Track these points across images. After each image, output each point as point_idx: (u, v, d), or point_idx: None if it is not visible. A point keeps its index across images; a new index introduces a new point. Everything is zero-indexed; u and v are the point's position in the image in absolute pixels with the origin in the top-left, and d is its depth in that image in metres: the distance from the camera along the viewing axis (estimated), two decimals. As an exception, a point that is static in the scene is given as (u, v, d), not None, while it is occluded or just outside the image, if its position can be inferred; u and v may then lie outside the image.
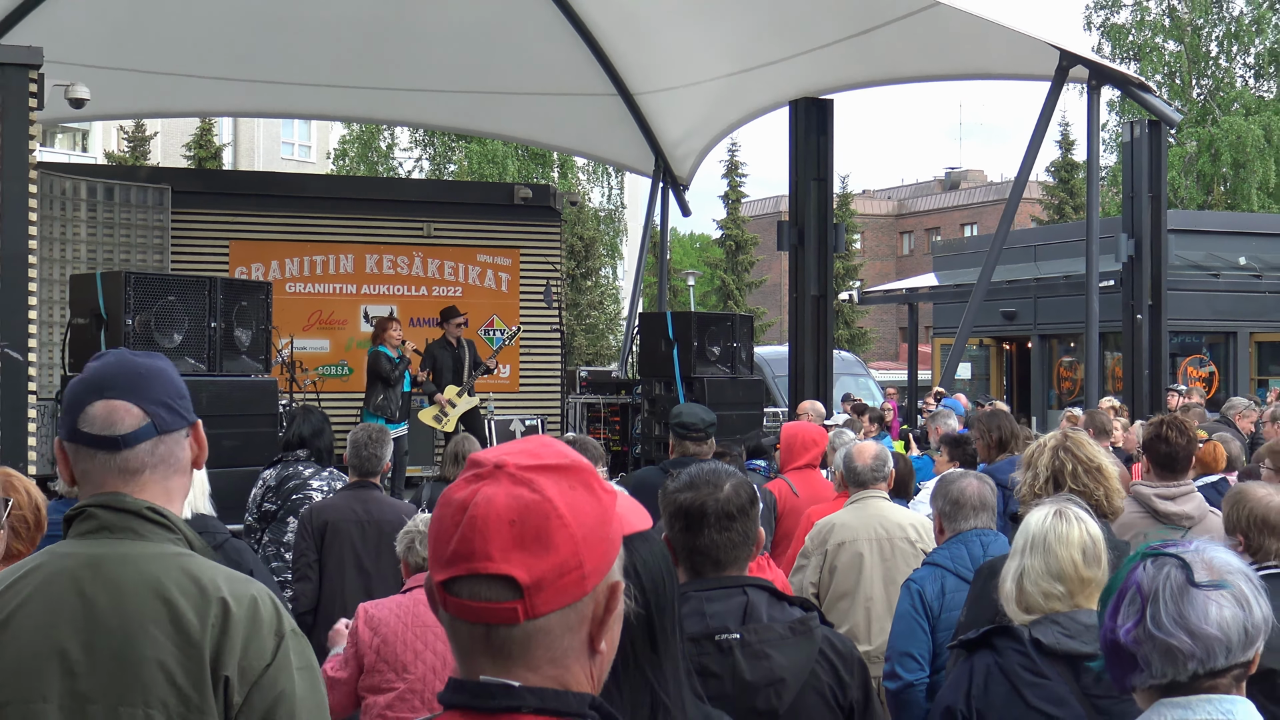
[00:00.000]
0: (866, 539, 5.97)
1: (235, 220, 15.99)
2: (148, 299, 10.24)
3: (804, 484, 7.49)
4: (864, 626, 5.75)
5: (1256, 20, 36.47)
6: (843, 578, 5.95)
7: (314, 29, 16.02)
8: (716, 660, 3.20)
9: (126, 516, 2.42)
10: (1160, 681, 2.24)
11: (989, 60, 13.88)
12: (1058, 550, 3.53)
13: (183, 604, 2.36)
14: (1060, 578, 3.50)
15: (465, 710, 1.66)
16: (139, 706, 2.32)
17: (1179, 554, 2.27)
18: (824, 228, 14.35)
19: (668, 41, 16.26)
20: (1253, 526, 4.43)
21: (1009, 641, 3.48)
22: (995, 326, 26.29)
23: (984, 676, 3.46)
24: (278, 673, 2.37)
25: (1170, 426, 6.05)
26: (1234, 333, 24.17)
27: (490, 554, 1.60)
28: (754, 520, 3.35)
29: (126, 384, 2.46)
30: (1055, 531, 3.56)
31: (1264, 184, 34.75)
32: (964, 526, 5.11)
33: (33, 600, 2.40)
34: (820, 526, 6.17)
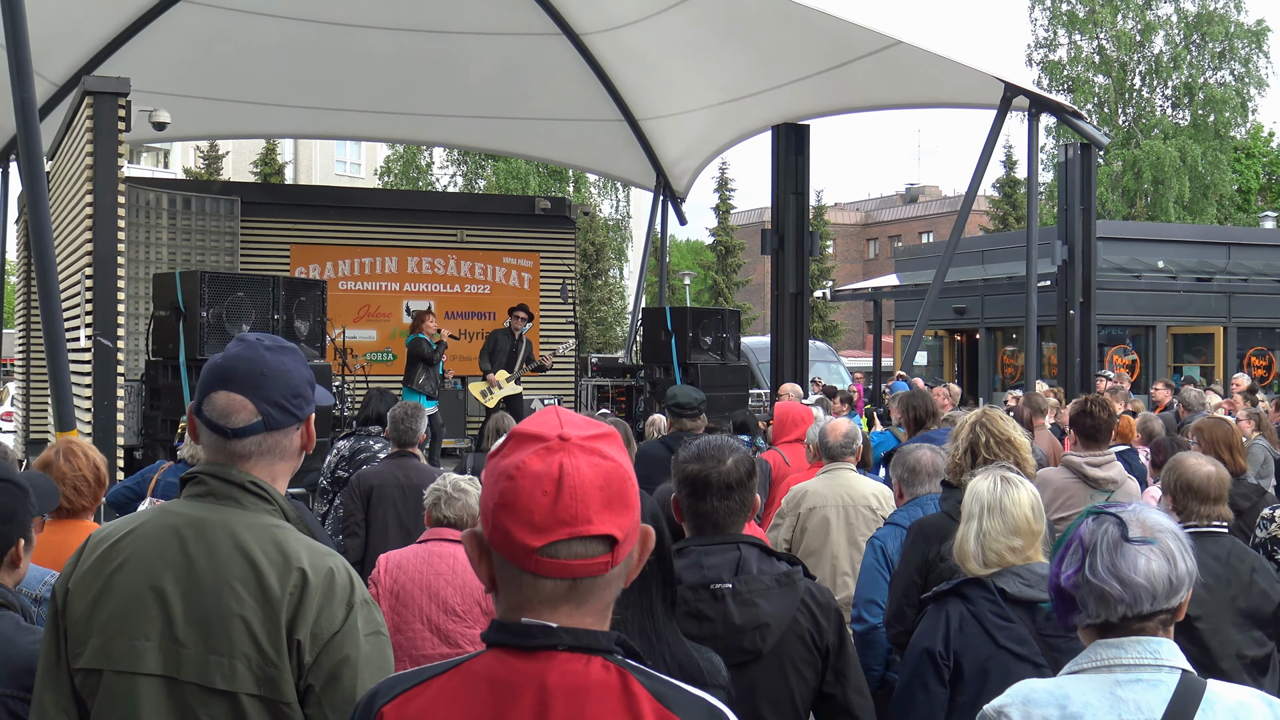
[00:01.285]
0: (834, 505, 5.96)
1: (295, 227, 16.01)
2: (220, 294, 10.22)
3: (793, 456, 7.49)
4: (829, 580, 5.72)
5: (1174, 58, 36.44)
6: (812, 537, 5.94)
7: (364, 63, 16.00)
8: (711, 606, 3.19)
9: (232, 487, 2.40)
10: (1095, 621, 2.25)
11: (944, 91, 13.83)
12: (1012, 511, 3.53)
13: (267, 569, 2.32)
14: (1017, 532, 3.51)
15: (506, 648, 1.65)
16: (224, 656, 2.30)
17: (1118, 513, 2.29)
18: (801, 235, 14.31)
19: (667, 75, 16.23)
20: (1179, 490, 4.44)
21: (979, 591, 3.48)
22: (948, 320, 26.30)
23: (959, 622, 3.45)
24: (344, 639, 2.33)
25: (1094, 403, 6.07)
26: (1153, 326, 24.18)
27: (590, 518, 1.60)
28: (751, 490, 3.33)
29: (248, 381, 2.43)
30: (1008, 495, 3.56)
31: (1179, 199, 34.81)
32: (919, 491, 5.12)
33: (144, 549, 2.38)
34: (794, 492, 6.16)
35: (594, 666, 1.62)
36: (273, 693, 2.29)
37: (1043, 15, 37.48)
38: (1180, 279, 23.98)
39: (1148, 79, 37.17)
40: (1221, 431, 6.07)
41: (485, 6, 15.44)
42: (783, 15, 12.25)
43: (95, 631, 2.34)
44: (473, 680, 1.65)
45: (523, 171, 33.10)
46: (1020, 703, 2.22)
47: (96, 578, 2.37)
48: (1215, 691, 2.19)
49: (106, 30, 14.44)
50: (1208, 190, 35.64)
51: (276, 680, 2.29)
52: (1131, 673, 2.21)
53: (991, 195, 48.55)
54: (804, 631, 3.26)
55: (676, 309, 15.03)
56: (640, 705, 1.60)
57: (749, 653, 3.18)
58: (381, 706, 1.68)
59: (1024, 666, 3.31)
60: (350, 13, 15.25)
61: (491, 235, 17.02)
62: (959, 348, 28.12)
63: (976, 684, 3.36)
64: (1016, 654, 3.39)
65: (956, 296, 25.05)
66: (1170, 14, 36.61)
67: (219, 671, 2.29)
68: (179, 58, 14.83)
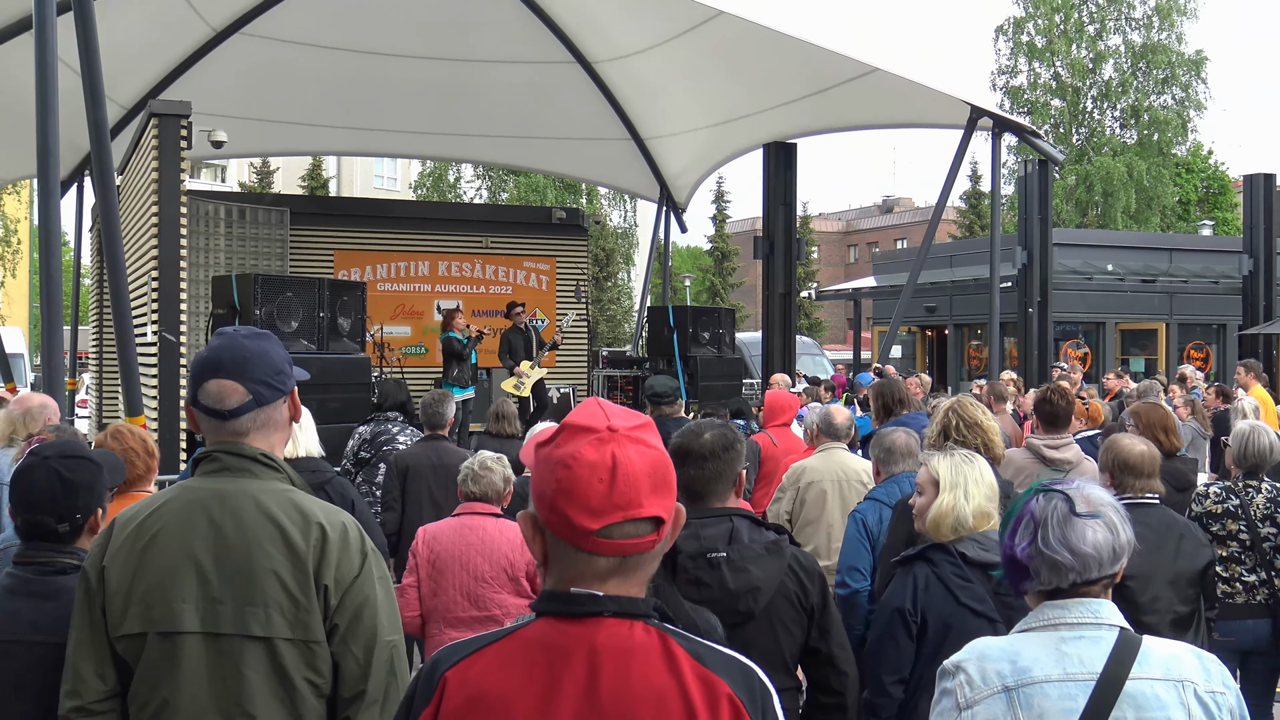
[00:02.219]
0: (830, 480, 5.97)
1: (338, 234, 15.99)
2: (271, 295, 10.23)
3: (781, 438, 7.50)
4: (825, 546, 5.73)
5: (1122, 84, 36.36)
6: (810, 508, 5.95)
7: (400, 88, 16.01)
8: (707, 573, 3.20)
9: (244, 460, 2.42)
10: (1047, 588, 2.25)
11: (917, 112, 13.80)
12: (979, 489, 3.57)
13: (290, 527, 2.35)
14: (994, 498, 3.57)
15: (555, 616, 1.65)
16: (260, 607, 2.32)
17: (1064, 490, 2.28)
18: (789, 242, 14.31)
19: (670, 99, 16.21)
20: (1117, 467, 4.45)
21: (942, 555, 3.50)
22: (920, 318, 26.26)
23: (924, 582, 3.47)
24: (363, 582, 2.37)
25: (1054, 392, 6.06)
26: (1103, 323, 24.13)
27: (641, 502, 1.60)
28: (727, 461, 3.30)
29: (234, 367, 2.45)
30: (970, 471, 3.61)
31: (1126, 209, 34.76)
32: (895, 469, 5.11)
33: (172, 523, 2.39)
34: (794, 468, 6.17)
35: (637, 630, 1.63)
36: (304, 634, 2.32)
37: (1005, 45, 37.43)
38: (1127, 280, 23.94)
39: (1098, 102, 37.09)
40: (1157, 415, 6.06)
41: (507, 38, 15.44)
42: (772, 45, 12.23)
43: (134, 602, 2.35)
44: (527, 645, 1.65)
45: (541, 185, 33.04)
46: (976, 658, 2.21)
47: (130, 554, 2.38)
48: (1150, 646, 2.20)
49: (170, 59, 14.47)
50: (1152, 202, 35.55)
51: (308, 622, 2.32)
52: (1075, 630, 2.21)
53: (959, 206, 48.46)
54: (791, 593, 3.28)
55: (678, 308, 15.01)
56: (680, 663, 1.61)
57: (743, 613, 3.20)
58: (445, 671, 1.67)
59: (981, 622, 3.33)
60: (387, 44, 15.25)
61: (513, 242, 16.98)
62: (930, 342, 28.06)
63: (940, 637, 3.38)
64: (975, 611, 3.40)
65: (928, 296, 25.03)
66: (1119, 45, 36.53)
67: (255, 621, 2.31)
68: (235, 83, 14.85)
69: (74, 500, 2.92)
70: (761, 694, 1.64)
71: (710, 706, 1.58)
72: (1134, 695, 2.13)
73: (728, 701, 1.60)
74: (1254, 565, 5.29)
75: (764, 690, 1.65)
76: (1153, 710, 2.13)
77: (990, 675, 2.17)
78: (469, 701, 1.63)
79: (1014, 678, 2.16)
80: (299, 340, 9.99)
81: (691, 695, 1.59)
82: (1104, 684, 2.13)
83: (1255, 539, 5.28)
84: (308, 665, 2.33)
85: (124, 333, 7.39)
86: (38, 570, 2.89)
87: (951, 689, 2.20)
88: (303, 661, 2.32)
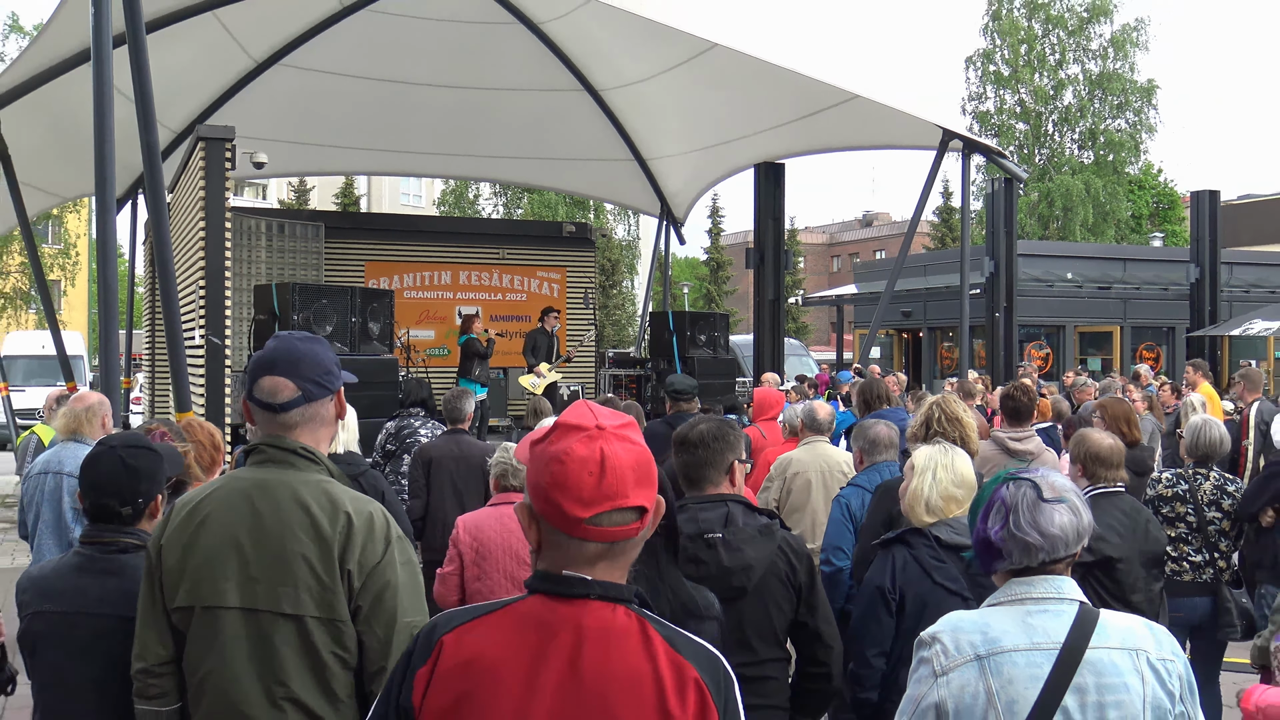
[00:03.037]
0: (814, 470, 5.95)
1: (369, 247, 16.00)
2: (307, 301, 10.25)
3: (770, 431, 7.48)
4: (810, 530, 5.71)
5: (1080, 109, 36.35)
6: (796, 497, 5.94)
7: (425, 114, 16.01)
8: (705, 552, 3.21)
9: (286, 453, 2.43)
10: (1017, 566, 2.24)
11: (893, 135, 13.79)
12: (946, 474, 3.57)
13: (320, 515, 2.36)
14: (960, 485, 3.55)
15: (547, 594, 1.65)
16: (290, 587, 2.34)
17: (1031, 478, 2.29)
18: (778, 253, 14.31)
19: (669, 123, 16.20)
20: (1088, 459, 4.46)
21: (919, 538, 3.49)
22: (897, 322, 26.23)
23: (902, 563, 3.46)
24: (386, 567, 2.36)
25: (1017, 389, 6.06)
26: (1063, 326, 24.09)
27: (627, 493, 1.62)
28: (718, 450, 3.32)
29: (286, 365, 2.46)
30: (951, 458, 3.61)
31: (1084, 223, 34.76)
32: (877, 459, 5.10)
33: (220, 509, 2.42)
34: (781, 460, 6.15)
35: (619, 613, 1.64)
36: (330, 613, 2.33)
37: (974, 74, 37.41)
38: (1085, 288, 23.91)
39: (1059, 126, 37.05)
40: (1121, 409, 6.08)
41: (521, 67, 15.43)
42: (762, 74, 12.22)
43: (186, 578, 2.38)
44: (519, 618, 1.65)
45: (552, 202, 33.08)
46: (950, 630, 2.21)
47: (183, 535, 2.41)
48: (1107, 618, 2.20)
49: (216, 87, 14.48)
50: (1107, 216, 35.52)
51: (333, 603, 2.33)
52: (1040, 604, 2.21)
53: (932, 220, 48.38)
54: (781, 572, 3.28)
55: (677, 313, 15.01)
56: (655, 647, 1.62)
57: (737, 590, 3.20)
58: (442, 635, 1.68)
59: (954, 599, 3.32)
60: (413, 73, 15.25)
61: (527, 253, 17.00)
62: (906, 344, 28.03)
63: (917, 613, 3.37)
64: (949, 589, 3.39)
65: (904, 302, 24.98)
66: (1078, 74, 36.49)
67: (287, 600, 2.33)
68: (275, 110, 14.86)
69: (136, 486, 2.93)
70: (725, 680, 1.65)
71: (679, 688, 1.59)
72: (1094, 663, 2.13)
73: (694, 685, 1.60)
74: (1200, 546, 5.29)
75: (727, 677, 1.66)
76: (1110, 676, 2.13)
77: (963, 645, 2.17)
78: (463, 664, 1.63)
79: (985, 647, 2.16)
80: (333, 343, 9.99)
81: (663, 677, 1.60)
82: (1067, 652, 2.13)
83: (1201, 522, 5.28)
84: (334, 641, 2.34)
85: (174, 336, 7.40)
86: (102, 549, 2.91)
87: (928, 657, 2.20)
88: (330, 638, 2.33)
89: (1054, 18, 36.07)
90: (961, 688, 2.14)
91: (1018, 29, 36.19)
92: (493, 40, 14.86)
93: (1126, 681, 2.13)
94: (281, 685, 2.32)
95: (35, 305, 29.91)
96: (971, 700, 2.13)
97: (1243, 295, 23.66)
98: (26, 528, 5.11)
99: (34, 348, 24.80)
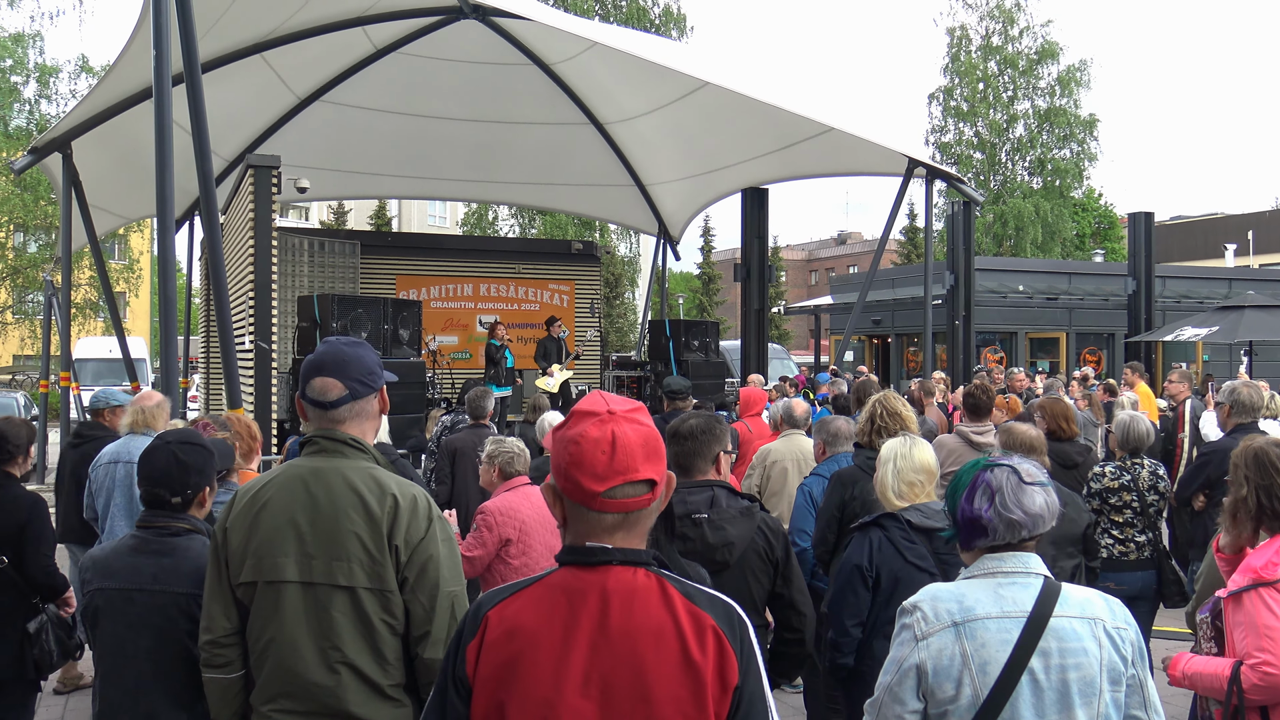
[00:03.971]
0: (790, 459, 5.97)
1: (399, 262, 16.02)
2: (345, 311, 10.24)
3: (755, 425, 7.49)
4: (787, 511, 5.68)
5: (1030, 140, 36.35)
6: (774, 482, 5.95)
7: (449, 145, 16.03)
8: (692, 530, 3.24)
9: (337, 444, 2.43)
10: (999, 543, 2.23)
11: (865, 163, 13.78)
12: (906, 463, 3.57)
13: (369, 497, 2.36)
14: (920, 471, 3.55)
15: (575, 565, 1.66)
16: (344, 561, 2.33)
17: (1011, 464, 2.28)
18: (762, 268, 14.29)
19: (666, 153, 16.20)
20: (1016, 447, 4.48)
21: (892, 521, 3.49)
22: (868, 329, 26.21)
23: (878, 544, 3.46)
24: (429, 543, 2.36)
25: (978, 388, 6.07)
26: (1015, 332, 24.07)
27: (637, 467, 1.62)
28: (704, 442, 3.35)
29: (335, 366, 2.45)
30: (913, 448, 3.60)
31: (1034, 241, 34.76)
32: (837, 450, 5.12)
33: (279, 494, 2.41)
34: (762, 450, 6.18)
35: (639, 575, 1.64)
36: (380, 584, 2.33)
37: (937, 109, 37.38)
38: (1035, 298, 23.88)
39: (1011, 155, 37.03)
40: (1059, 408, 6.06)
41: (535, 104, 15.44)
42: (748, 109, 12.22)
43: (249, 556, 2.38)
44: (551, 589, 1.65)
45: (562, 222, 32.94)
46: (929, 600, 2.21)
47: (245, 518, 2.41)
48: (1068, 591, 2.20)
49: (264, 121, 14.48)
50: (1054, 235, 35.51)
51: (382, 575, 2.32)
52: (1010, 577, 2.20)
53: (899, 239, 48.45)
54: (760, 549, 3.29)
55: (673, 321, 14.99)
56: (674, 602, 1.62)
57: (720, 564, 3.21)
58: (487, 611, 1.68)
59: (924, 576, 3.32)
60: (439, 108, 15.26)
61: (540, 268, 17.02)
62: (876, 348, 28.01)
63: (890, 589, 3.37)
64: (919, 567, 3.39)
65: (874, 311, 24.98)
66: (1028, 109, 36.48)
67: (341, 573, 2.32)
68: (316, 141, 14.87)
69: (187, 478, 2.92)
70: (740, 625, 1.65)
71: (698, 636, 1.60)
72: (1057, 629, 2.13)
73: (712, 632, 1.61)
74: (1143, 528, 5.28)
75: (741, 622, 1.66)
76: (1071, 641, 2.13)
77: (941, 613, 2.17)
78: (506, 634, 1.64)
79: (961, 615, 2.15)
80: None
81: (684, 627, 1.60)
82: (1033, 620, 2.13)
83: (1143, 506, 5.28)
84: (383, 609, 2.33)
85: (226, 341, 7.39)
86: (156, 532, 2.90)
87: (910, 624, 2.19)
88: (379, 606, 2.33)
89: (1007, 58, 36.10)
90: (940, 650, 2.13)
91: (975, 69, 36.21)
92: (509, 80, 14.86)
93: (1085, 646, 2.13)
94: (336, 650, 2.32)
95: (103, 314, 29.86)
96: (949, 662, 2.12)
97: (1174, 305, 23.67)
98: (94, 510, 5.08)
99: (102, 351, 24.78)
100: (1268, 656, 2.72)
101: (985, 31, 36.44)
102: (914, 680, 2.14)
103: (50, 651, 4.05)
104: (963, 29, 36.64)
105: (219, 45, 10.84)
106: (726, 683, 1.58)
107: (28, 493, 4.22)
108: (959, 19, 37.07)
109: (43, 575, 4.08)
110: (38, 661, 4.05)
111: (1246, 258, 38.17)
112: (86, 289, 28.69)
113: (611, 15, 29.40)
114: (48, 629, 4.05)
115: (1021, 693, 2.09)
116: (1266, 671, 2.72)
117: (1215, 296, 23.62)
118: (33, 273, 28.52)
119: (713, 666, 1.58)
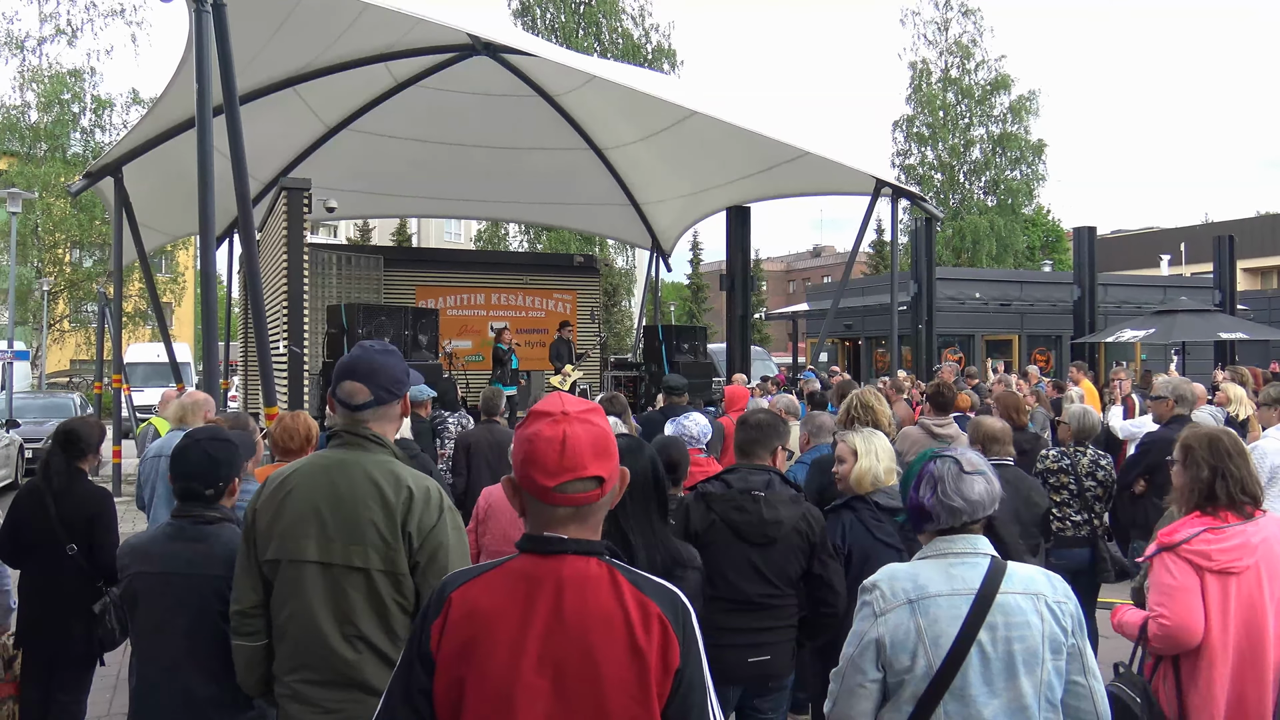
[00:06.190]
0: (778, 450, 5.96)
1: (419, 274, 16.02)
2: (369, 318, 10.23)
3: (738, 420, 7.46)
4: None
5: (985, 162, 36.41)
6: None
7: (464, 168, 15.99)
8: (750, 504, 3.29)
9: (359, 439, 2.42)
10: (944, 527, 2.23)
11: (836, 183, 13.78)
12: (885, 454, 3.61)
13: (386, 488, 2.35)
14: (893, 459, 3.61)
15: (532, 553, 1.63)
16: (361, 545, 2.32)
17: (953, 455, 2.28)
18: (745, 278, 14.28)
19: (658, 175, 16.20)
20: (983, 438, 4.49)
21: (862, 503, 3.52)
22: (841, 332, 26.21)
23: (850, 524, 3.49)
24: (439, 531, 2.34)
25: (942, 385, 6.06)
26: (972, 335, 24.06)
27: (585, 465, 1.59)
28: (767, 435, 3.46)
29: (364, 372, 2.43)
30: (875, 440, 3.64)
31: (989, 253, 34.78)
32: (819, 441, 5.13)
33: (304, 481, 2.40)
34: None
35: (592, 564, 1.61)
36: (393, 568, 2.31)
37: (901, 135, 37.33)
38: (990, 304, 23.91)
39: (969, 176, 37.03)
40: (1012, 400, 6.08)
41: (541, 131, 15.41)
42: (732, 136, 12.22)
43: (275, 537, 2.37)
44: (511, 574, 1.63)
45: (566, 238, 32.86)
46: (887, 578, 2.20)
47: (272, 502, 2.40)
48: (1013, 569, 2.19)
49: (296, 147, 14.45)
50: (1007, 248, 35.53)
51: (395, 559, 2.31)
52: (960, 558, 2.20)
53: (868, 251, 48.44)
54: (802, 531, 3.33)
55: (665, 327, 15.01)
56: (622, 589, 1.60)
57: (769, 539, 3.27)
58: (451, 592, 1.65)
59: (891, 552, 3.33)
60: (455, 136, 15.23)
61: (545, 279, 17.01)
62: (848, 350, 28.01)
63: (860, 564, 3.38)
64: (887, 544, 3.41)
65: (846, 317, 24.97)
66: (984, 134, 36.50)
67: (357, 556, 2.31)
68: (343, 165, 14.84)
69: (217, 472, 2.91)
70: (683, 612, 1.62)
71: (644, 623, 1.57)
72: (1003, 605, 2.13)
73: (657, 619, 1.58)
74: (1079, 509, 5.30)
75: (685, 610, 1.63)
76: (1016, 615, 2.12)
77: (898, 591, 2.16)
78: (467, 615, 1.61)
79: (915, 593, 2.15)
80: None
81: (630, 614, 1.57)
82: (981, 597, 2.12)
83: (1080, 489, 5.29)
84: (396, 591, 2.32)
85: (262, 346, 7.38)
86: (190, 521, 2.89)
87: (869, 601, 2.19)
88: (392, 587, 2.32)
89: (964, 89, 36.16)
90: (896, 625, 2.13)
91: (935, 99, 36.27)
92: (517, 110, 14.85)
93: (1029, 620, 2.12)
94: (351, 625, 2.31)
95: (152, 322, 29.80)
96: (904, 636, 2.12)
97: (1115, 309, 23.70)
98: (144, 500, 5.07)
99: (150, 356, 24.74)
100: (1164, 611, 2.76)
101: (944, 65, 36.51)
102: (874, 652, 2.14)
103: (113, 630, 4.07)
104: (924, 63, 36.70)
105: (255, 80, 10.83)
106: (669, 665, 1.57)
107: (98, 488, 4.24)
108: (921, 54, 36.97)
109: (109, 561, 4.09)
110: (101, 639, 4.06)
111: (1179, 267, 38.23)
112: (136, 299, 28.63)
113: (609, 51, 29.43)
114: (110, 610, 4.06)
115: (971, 663, 2.08)
116: (1162, 623, 2.77)
117: (1152, 302, 23.66)
118: (88, 285, 28.48)
119: (656, 650, 1.56)
